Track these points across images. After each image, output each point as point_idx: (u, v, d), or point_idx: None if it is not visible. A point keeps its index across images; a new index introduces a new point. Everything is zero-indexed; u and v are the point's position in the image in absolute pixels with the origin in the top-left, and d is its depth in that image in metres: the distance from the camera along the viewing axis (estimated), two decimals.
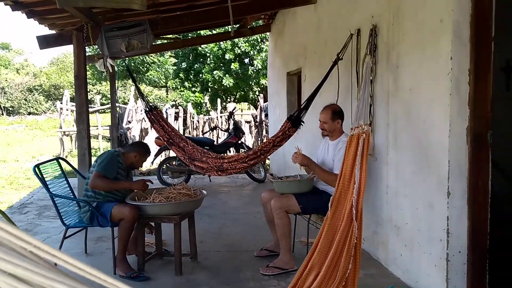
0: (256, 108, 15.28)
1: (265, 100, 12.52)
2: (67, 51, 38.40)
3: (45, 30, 5.72)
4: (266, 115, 10.30)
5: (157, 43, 8.14)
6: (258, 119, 11.64)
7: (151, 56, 19.82)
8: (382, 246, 3.93)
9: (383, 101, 3.83)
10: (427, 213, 3.18)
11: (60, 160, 4.45)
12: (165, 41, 8.43)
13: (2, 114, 30.74)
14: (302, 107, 5.06)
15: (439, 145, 3.01)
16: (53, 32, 5.73)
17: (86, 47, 5.77)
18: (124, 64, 6.67)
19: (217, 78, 16.60)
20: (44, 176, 4.00)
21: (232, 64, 16.26)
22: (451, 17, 2.86)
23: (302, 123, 5.13)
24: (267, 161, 9.92)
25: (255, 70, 16.52)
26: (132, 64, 19.87)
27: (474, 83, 2.86)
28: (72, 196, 4.33)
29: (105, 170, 3.84)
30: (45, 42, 5.38)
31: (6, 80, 32.62)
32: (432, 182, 3.10)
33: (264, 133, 12.03)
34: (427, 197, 3.18)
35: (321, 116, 3.99)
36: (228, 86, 16.66)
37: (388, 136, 3.77)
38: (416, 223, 3.34)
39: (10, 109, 32.23)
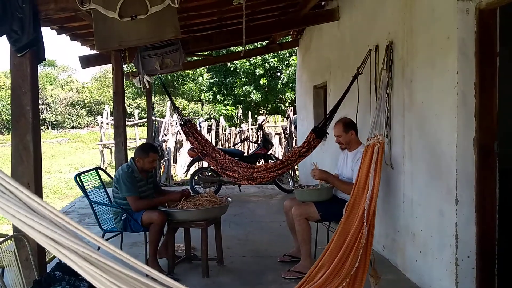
0: (287, 120, 15.54)
1: (295, 113, 12.76)
2: (108, 68, 39.91)
3: (86, 50, 6.21)
4: (296, 127, 10.53)
5: (190, 60, 8.55)
6: (287, 131, 11.88)
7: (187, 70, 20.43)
8: (400, 253, 4.07)
9: (399, 114, 4.01)
10: (438, 220, 3.34)
11: (99, 170, 4.83)
12: (198, 58, 8.83)
13: (47, 128, 32.23)
14: (326, 119, 5.29)
15: (448, 155, 3.17)
16: (94, 52, 6.20)
17: (125, 65, 6.21)
18: (160, 80, 7.07)
19: (246, 93, 17.09)
20: (85, 186, 4.37)
21: (261, 79, 16.71)
22: (457, 34, 3.04)
23: (326, 134, 5.36)
24: (297, 172, 10.12)
25: (283, 84, 16.88)
26: (169, 78, 20.56)
27: (479, 96, 3.02)
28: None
29: (133, 191, 4.11)
30: (86, 61, 5.85)
31: (51, 96, 34.23)
32: (443, 190, 3.26)
33: (293, 144, 12.25)
34: (438, 204, 3.33)
35: (335, 131, 4.22)
36: (256, 100, 17.11)
37: (404, 147, 3.94)
38: (429, 230, 3.49)
39: (54, 123, 33.75)
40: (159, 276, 0.88)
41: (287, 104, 17.80)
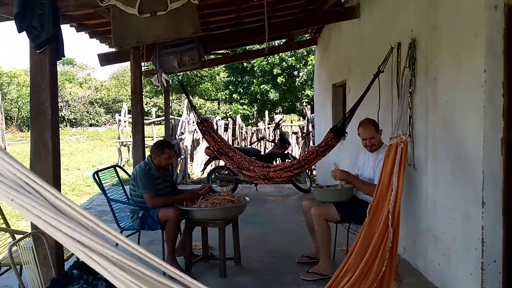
0: (304, 119, 15.43)
1: (312, 112, 12.64)
2: (126, 66, 40.26)
3: (105, 48, 6.26)
4: (313, 126, 10.44)
5: (208, 58, 8.53)
6: (305, 130, 11.79)
7: (204, 69, 20.47)
8: (421, 256, 3.98)
9: (422, 113, 3.91)
10: (463, 222, 3.24)
11: (117, 168, 4.83)
12: (215, 56, 8.81)
13: (66, 126, 32.64)
14: (345, 118, 5.20)
15: (474, 156, 3.07)
16: (113, 50, 6.22)
17: (143, 63, 6.22)
18: (177, 78, 7.06)
19: (264, 91, 17.01)
20: (103, 183, 4.37)
21: (279, 78, 16.62)
22: (484, 31, 2.94)
23: (345, 133, 5.26)
24: (314, 172, 10.03)
25: (301, 82, 16.77)
26: (186, 78, 20.63)
27: (508, 95, 2.91)
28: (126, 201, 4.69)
29: (150, 188, 4.11)
30: (105, 59, 5.87)
31: (70, 94, 34.67)
32: (468, 192, 3.15)
33: (311, 143, 12.15)
34: (463, 207, 3.23)
35: (366, 134, 4.03)
36: (274, 99, 17.03)
37: (427, 147, 3.84)
38: (453, 232, 3.39)
39: (73, 120, 34.17)
40: (181, 276, 0.83)
41: (304, 103, 17.70)
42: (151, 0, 2.92)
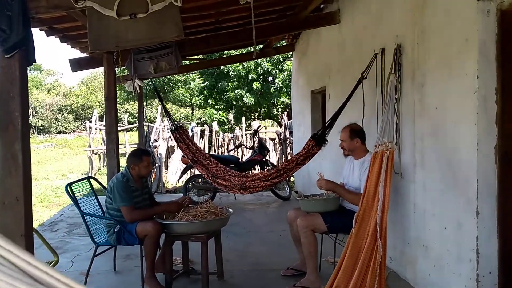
0: (279, 125, 15.35)
1: (290, 118, 12.57)
2: (96, 72, 39.43)
3: (76, 53, 5.98)
4: (291, 133, 10.35)
5: (184, 63, 8.32)
6: (282, 137, 11.68)
7: (177, 75, 20.17)
8: (410, 266, 3.88)
9: (409, 119, 3.83)
10: (455, 232, 3.15)
11: (90, 180, 4.57)
12: (190, 62, 8.62)
13: (33, 133, 31.64)
14: (326, 125, 5.09)
15: (467, 164, 2.99)
16: (85, 55, 5.96)
17: (116, 69, 5.97)
18: (151, 84, 6.84)
19: (238, 96, 16.84)
20: (75, 194, 4.11)
21: (254, 83, 16.50)
22: (477, 36, 2.87)
23: (326, 141, 5.15)
24: (292, 179, 9.92)
25: (276, 88, 16.68)
26: (159, 83, 20.28)
27: (501, 101, 2.85)
28: (101, 214, 4.43)
29: (128, 201, 3.88)
30: (77, 65, 5.60)
31: (37, 100, 33.66)
32: (461, 201, 3.07)
33: (288, 150, 12.06)
34: (455, 216, 3.15)
35: (341, 135, 4.05)
36: (249, 104, 16.87)
37: (415, 155, 3.75)
38: (444, 243, 3.30)
39: (41, 128, 33.18)
40: None
41: (279, 110, 17.62)
42: (130, 2, 2.72)
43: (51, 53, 73.90)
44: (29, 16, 2.70)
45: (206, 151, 12.07)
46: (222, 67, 16.92)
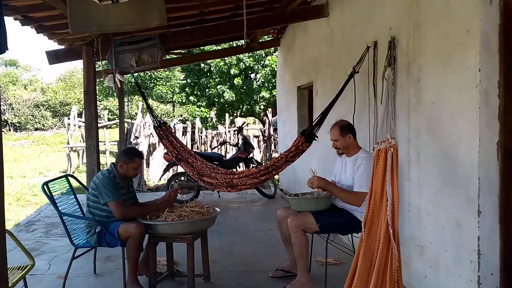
0: (262, 122, 15.19)
1: (274, 115, 12.41)
2: (75, 67, 38.68)
3: (53, 46, 5.71)
4: (275, 130, 10.19)
5: (167, 58, 8.08)
6: (266, 134, 11.52)
7: (159, 71, 19.85)
8: (404, 267, 3.72)
9: (404, 115, 3.70)
10: (454, 232, 3.02)
11: (69, 178, 4.33)
12: (175, 56, 8.37)
13: (9, 130, 30.84)
14: (316, 121, 4.93)
15: (468, 160, 2.86)
16: (63, 47, 5.67)
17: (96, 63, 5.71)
18: (132, 79, 6.59)
19: (221, 92, 16.60)
20: (52, 192, 3.87)
21: (236, 79, 16.27)
22: (479, 27, 2.74)
23: (316, 138, 5.00)
24: (276, 177, 9.77)
25: (258, 85, 16.52)
26: (139, 79, 19.92)
27: (504, 95, 2.72)
28: (80, 214, 4.18)
29: (116, 196, 3.69)
30: (55, 57, 5.32)
31: (14, 96, 32.82)
32: (460, 199, 2.94)
33: (272, 147, 11.90)
34: (454, 215, 3.02)
35: (331, 135, 3.88)
36: (230, 100, 16.64)
37: (410, 151, 3.62)
38: (442, 242, 3.18)
39: (17, 124, 32.37)
40: None
41: (261, 106, 17.45)
42: None
43: (27, 48, 72.28)
44: (1, 2, 2.46)
45: (190, 148, 11.84)
46: (203, 64, 16.68)
